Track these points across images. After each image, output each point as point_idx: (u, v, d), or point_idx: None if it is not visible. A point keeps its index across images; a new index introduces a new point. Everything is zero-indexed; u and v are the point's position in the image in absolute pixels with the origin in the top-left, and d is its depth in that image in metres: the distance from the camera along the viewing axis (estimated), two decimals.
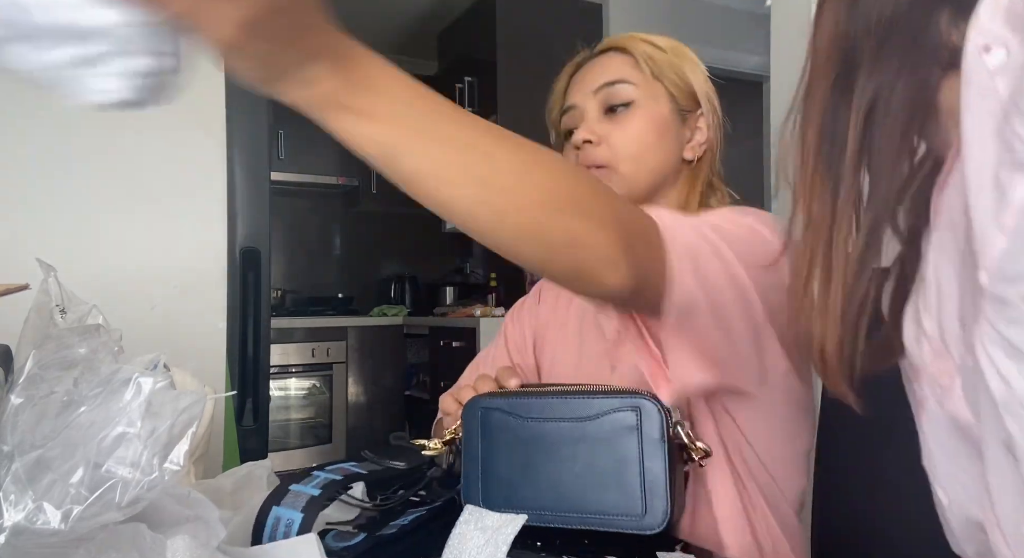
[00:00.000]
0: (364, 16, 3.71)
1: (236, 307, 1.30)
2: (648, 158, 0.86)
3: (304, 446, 3.48)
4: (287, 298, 3.88)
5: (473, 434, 0.71)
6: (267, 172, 1.35)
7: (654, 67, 0.87)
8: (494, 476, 0.69)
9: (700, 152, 0.91)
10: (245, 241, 1.32)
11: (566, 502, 0.65)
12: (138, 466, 0.40)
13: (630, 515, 0.63)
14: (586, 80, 0.90)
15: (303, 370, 3.48)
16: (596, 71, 0.90)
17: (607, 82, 0.87)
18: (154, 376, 0.43)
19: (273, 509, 0.62)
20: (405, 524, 0.67)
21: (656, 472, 0.62)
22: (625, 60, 0.89)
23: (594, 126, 0.87)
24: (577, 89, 0.91)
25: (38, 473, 0.39)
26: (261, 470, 0.75)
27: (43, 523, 0.37)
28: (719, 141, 0.92)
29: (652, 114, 0.87)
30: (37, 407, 0.42)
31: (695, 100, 0.90)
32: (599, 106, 0.88)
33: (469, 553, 0.59)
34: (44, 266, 0.57)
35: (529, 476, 0.67)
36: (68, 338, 0.49)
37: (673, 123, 0.88)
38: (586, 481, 0.65)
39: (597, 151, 0.86)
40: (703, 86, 0.91)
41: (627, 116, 0.87)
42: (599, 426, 0.65)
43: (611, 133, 0.86)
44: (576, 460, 0.66)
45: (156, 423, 0.41)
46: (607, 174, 0.86)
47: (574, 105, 0.91)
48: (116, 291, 1.20)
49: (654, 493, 0.62)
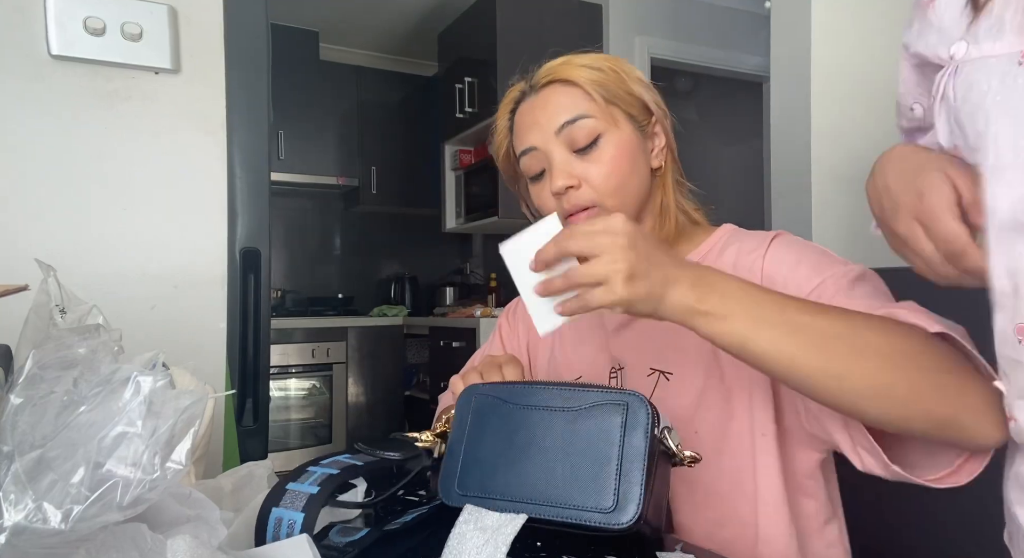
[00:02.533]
0: (364, 16, 3.71)
1: (236, 307, 1.30)
2: (629, 185, 0.86)
3: (304, 446, 3.48)
4: (287, 298, 3.88)
5: (463, 419, 0.71)
6: (267, 172, 1.34)
7: (605, 93, 0.85)
8: (473, 459, 0.68)
9: (664, 157, 0.90)
10: (245, 241, 1.31)
11: (539, 492, 0.64)
12: (139, 465, 0.39)
13: (601, 510, 0.62)
14: (539, 120, 0.87)
15: (303, 370, 3.48)
16: (548, 109, 0.87)
17: (567, 121, 0.84)
18: (153, 375, 0.43)
19: (273, 510, 0.61)
20: (408, 521, 0.67)
21: (633, 471, 0.62)
22: (573, 92, 0.86)
23: (568, 169, 0.85)
24: (530, 129, 0.88)
25: (38, 473, 0.38)
26: (261, 470, 0.75)
27: (43, 523, 0.36)
28: (673, 137, 0.92)
29: (619, 141, 0.85)
30: (37, 407, 0.42)
31: (647, 110, 0.89)
32: (564, 146, 0.85)
33: (468, 553, 0.59)
34: (43, 266, 0.56)
35: (507, 462, 0.67)
36: (68, 338, 0.49)
37: (637, 141, 0.88)
38: (563, 472, 0.64)
39: (580, 194, 0.84)
40: (649, 94, 0.90)
41: (597, 151, 0.84)
42: (586, 418, 0.65)
43: (587, 172, 0.84)
44: (557, 450, 0.65)
45: (157, 422, 0.41)
46: (595, 213, 0.84)
47: (534, 147, 0.87)
48: (116, 291, 1.20)
49: (628, 491, 0.61)
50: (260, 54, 1.33)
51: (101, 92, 1.20)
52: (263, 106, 1.33)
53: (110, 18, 1.18)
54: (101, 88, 1.20)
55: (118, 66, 1.20)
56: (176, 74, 1.25)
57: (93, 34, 1.17)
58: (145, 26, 1.20)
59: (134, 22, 1.19)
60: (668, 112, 0.92)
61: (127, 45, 1.20)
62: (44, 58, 1.16)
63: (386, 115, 4.02)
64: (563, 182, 0.84)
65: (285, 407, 3.45)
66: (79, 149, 1.19)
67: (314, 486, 0.63)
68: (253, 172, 1.32)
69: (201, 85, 1.27)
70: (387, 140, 4.00)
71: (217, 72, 1.28)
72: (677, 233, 0.91)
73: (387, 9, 3.64)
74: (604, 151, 0.85)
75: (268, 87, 1.34)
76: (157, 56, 1.22)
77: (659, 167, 0.90)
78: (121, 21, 1.19)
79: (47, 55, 1.15)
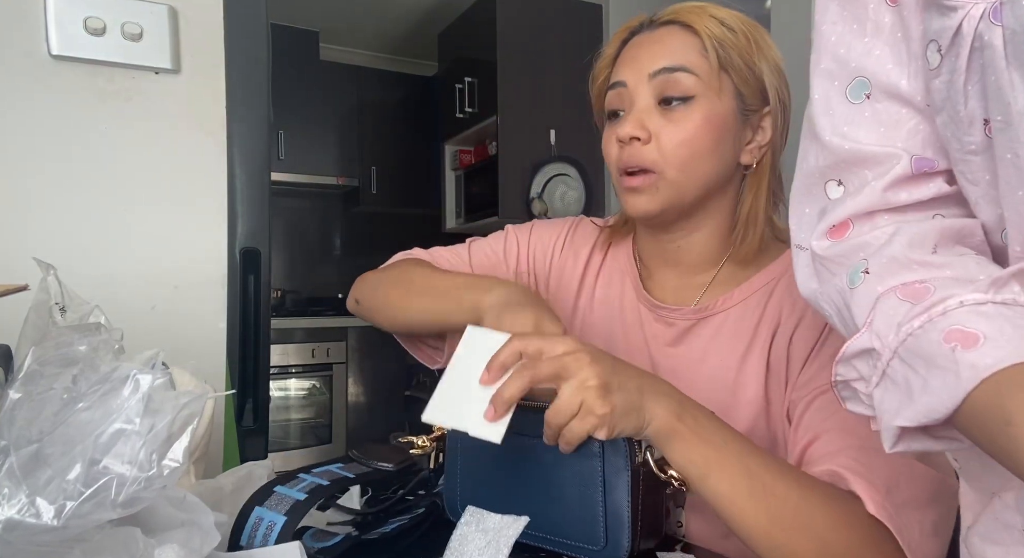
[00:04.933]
0: (364, 16, 3.71)
1: (236, 307, 1.30)
2: (699, 165, 0.76)
3: (304, 446, 3.48)
4: (287, 298, 3.88)
5: (453, 442, 0.71)
6: (267, 172, 1.34)
7: (723, 55, 0.75)
8: (469, 487, 0.68)
9: (759, 156, 0.80)
10: (245, 241, 1.31)
11: (535, 522, 0.63)
12: (135, 463, 0.39)
13: (592, 545, 0.62)
14: (641, 57, 0.78)
15: (303, 370, 3.48)
16: (655, 49, 0.77)
17: (667, 67, 0.75)
18: (152, 373, 0.43)
19: (256, 509, 0.61)
20: (387, 531, 0.67)
21: (619, 503, 0.61)
22: (688, 40, 0.76)
23: (645, 119, 0.76)
24: (630, 65, 0.79)
25: (34, 468, 0.38)
26: (261, 470, 0.75)
27: (36, 518, 0.36)
28: (784, 142, 0.81)
29: (712, 113, 0.75)
30: (35, 403, 0.42)
31: (763, 96, 0.78)
32: (653, 93, 0.76)
33: (470, 554, 0.59)
34: (43, 265, 0.56)
35: (500, 490, 0.66)
36: (68, 336, 0.49)
37: (734, 124, 0.77)
38: (553, 506, 0.64)
39: (644, 151, 0.76)
40: (773, 78, 0.78)
41: (684, 113, 0.75)
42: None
43: (663, 131, 0.75)
44: (543, 479, 0.65)
45: (155, 420, 0.41)
46: (652, 180, 0.76)
47: (623, 83, 0.79)
48: (116, 291, 1.20)
49: (617, 526, 0.61)
50: (260, 54, 1.33)
51: (101, 92, 1.20)
52: (263, 106, 1.33)
53: (110, 18, 1.18)
54: (101, 88, 1.20)
55: (118, 66, 1.20)
56: (176, 74, 1.25)
57: (93, 34, 1.17)
58: (145, 26, 1.20)
59: (134, 22, 1.19)
60: (789, 108, 0.81)
61: (127, 45, 1.20)
62: (44, 58, 1.16)
63: (386, 115, 4.02)
64: (632, 130, 0.76)
65: (285, 407, 3.45)
66: (79, 149, 1.19)
67: (302, 493, 0.63)
68: (253, 172, 1.32)
69: (201, 85, 1.27)
70: (387, 140, 4.00)
71: (217, 72, 1.28)
72: (760, 249, 0.81)
73: (387, 9, 3.64)
74: (690, 115, 0.75)
75: (268, 87, 1.34)
76: (157, 56, 1.22)
77: (751, 165, 0.80)
78: (121, 21, 1.19)
79: (47, 55, 1.15)
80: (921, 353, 0.40)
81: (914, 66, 0.47)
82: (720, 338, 0.79)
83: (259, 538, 0.59)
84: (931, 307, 0.41)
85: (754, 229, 0.80)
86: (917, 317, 0.41)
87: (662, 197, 0.77)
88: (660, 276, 0.87)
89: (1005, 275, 0.40)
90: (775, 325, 0.76)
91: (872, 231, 0.47)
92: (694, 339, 0.81)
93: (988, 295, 0.40)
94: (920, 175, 0.47)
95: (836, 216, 0.49)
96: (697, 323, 0.81)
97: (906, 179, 0.47)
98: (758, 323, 0.77)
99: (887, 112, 0.48)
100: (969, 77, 0.42)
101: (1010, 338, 0.37)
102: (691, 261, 0.84)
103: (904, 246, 0.45)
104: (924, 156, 0.47)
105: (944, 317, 0.40)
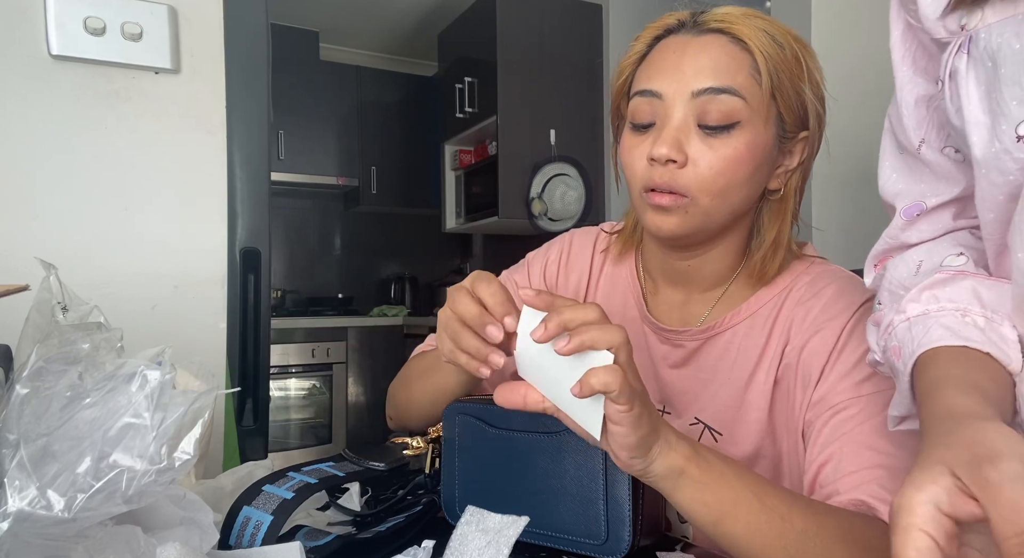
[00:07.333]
0: (364, 16, 3.71)
1: (236, 307, 1.30)
2: (735, 195, 0.71)
3: (304, 446, 3.48)
4: (287, 298, 3.88)
5: (451, 441, 0.71)
6: (267, 172, 1.34)
7: (775, 81, 0.69)
8: (467, 487, 0.68)
9: (786, 180, 0.75)
10: (245, 241, 1.32)
11: (536, 520, 0.63)
12: (145, 456, 0.40)
13: (593, 540, 0.62)
14: (684, 67, 0.70)
15: (303, 370, 3.48)
16: (700, 61, 0.69)
17: (714, 88, 0.68)
18: (160, 369, 0.43)
19: (244, 508, 0.61)
20: (382, 530, 0.67)
21: (620, 498, 0.61)
22: (741, 57, 0.69)
23: (683, 141, 0.69)
24: (669, 74, 0.70)
25: (44, 461, 0.39)
26: (261, 470, 0.75)
27: (47, 510, 0.36)
28: (811, 165, 0.76)
29: (755, 142, 0.69)
30: (42, 398, 0.42)
31: (803, 121, 0.73)
32: (695, 113, 0.69)
33: (470, 554, 0.59)
34: (45, 264, 0.57)
35: (499, 488, 0.66)
36: (71, 334, 0.49)
37: (770, 151, 0.72)
38: (552, 499, 0.64)
39: (678, 175, 0.69)
40: (816, 103, 0.72)
41: (726, 140, 0.69)
42: (564, 442, 0.63)
43: (702, 157, 0.69)
44: (543, 475, 0.64)
45: (165, 414, 0.41)
46: (683, 203, 0.70)
47: (660, 96, 0.70)
48: (116, 291, 1.20)
49: (618, 520, 0.61)
50: (260, 54, 1.33)
51: (101, 92, 1.20)
52: (263, 106, 1.33)
53: (110, 18, 1.18)
54: (101, 88, 1.20)
55: (118, 66, 1.20)
56: (176, 74, 1.25)
57: (93, 34, 1.17)
58: (145, 26, 1.20)
59: (134, 22, 1.19)
60: (824, 128, 0.75)
61: (127, 45, 1.20)
62: (44, 58, 1.16)
63: (386, 115, 4.02)
64: (669, 151, 0.68)
65: (285, 407, 3.45)
66: (79, 149, 1.19)
67: (290, 492, 0.63)
68: (253, 172, 1.32)
69: (201, 85, 1.27)
70: (387, 140, 4.00)
71: (217, 72, 1.28)
72: (778, 271, 0.77)
73: (387, 9, 3.64)
74: (732, 143, 0.69)
75: (268, 87, 1.34)
76: (157, 56, 1.22)
77: (777, 189, 0.75)
78: (121, 21, 1.19)
79: (47, 55, 1.15)
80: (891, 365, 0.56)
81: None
82: (728, 357, 0.77)
83: (247, 538, 0.59)
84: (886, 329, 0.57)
85: (779, 254, 0.77)
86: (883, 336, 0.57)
87: (691, 222, 0.72)
88: (666, 293, 0.84)
89: (914, 292, 0.55)
90: (785, 341, 0.74)
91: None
92: (703, 359, 0.79)
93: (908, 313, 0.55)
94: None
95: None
96: (705, 343, 0.79)
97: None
98: (767, 339, 0.75)
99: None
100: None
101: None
102: (702, 279, 0.81)
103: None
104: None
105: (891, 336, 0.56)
